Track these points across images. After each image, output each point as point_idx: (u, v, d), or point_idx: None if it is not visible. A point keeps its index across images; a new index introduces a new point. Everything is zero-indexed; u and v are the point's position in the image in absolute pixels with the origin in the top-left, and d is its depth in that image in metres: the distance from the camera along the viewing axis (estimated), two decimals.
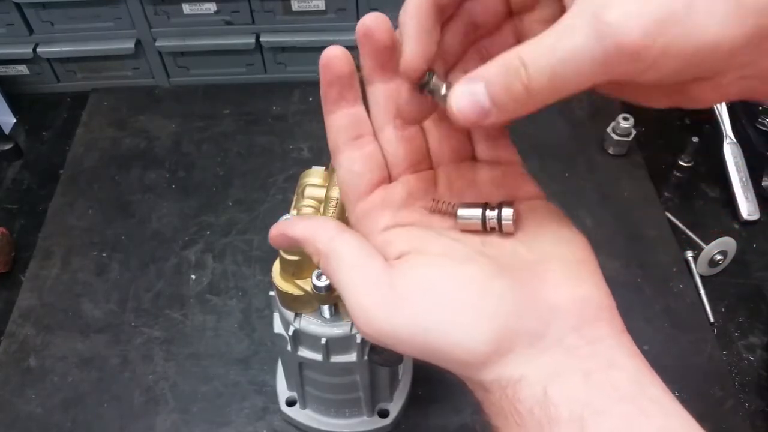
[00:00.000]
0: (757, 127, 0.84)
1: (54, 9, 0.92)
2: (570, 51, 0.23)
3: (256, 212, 0.85)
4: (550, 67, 0.24)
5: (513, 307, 0.27)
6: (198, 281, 0.78)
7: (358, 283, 0.29)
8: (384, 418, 0.65)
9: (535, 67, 0.24)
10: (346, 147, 0.33)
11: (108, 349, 0.73)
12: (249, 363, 0.71)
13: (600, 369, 0.26)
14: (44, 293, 0.78)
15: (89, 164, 0.91)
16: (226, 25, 0.94)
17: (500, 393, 0.27)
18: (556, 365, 0.26)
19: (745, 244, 0.80)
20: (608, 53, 0.23)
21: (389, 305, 0.28)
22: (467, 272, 0.28)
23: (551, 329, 0.27)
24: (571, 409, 0.25)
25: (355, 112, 0.33)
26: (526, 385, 0.26)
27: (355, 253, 0.30)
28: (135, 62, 0.98)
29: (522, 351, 0.27)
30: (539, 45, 0.24)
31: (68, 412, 0.68)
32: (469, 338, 0.27)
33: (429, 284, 0.28)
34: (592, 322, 0.27)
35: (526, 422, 0.26)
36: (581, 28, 0.23)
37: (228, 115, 0.97)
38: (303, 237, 0.32)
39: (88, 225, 0.84)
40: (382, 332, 0.28)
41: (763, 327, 0.73)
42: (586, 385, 0.25)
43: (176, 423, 0.67)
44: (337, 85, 0.32)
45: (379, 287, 0.28)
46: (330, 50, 0.31)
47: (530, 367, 0.26)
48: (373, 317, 0.28)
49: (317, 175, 0.55)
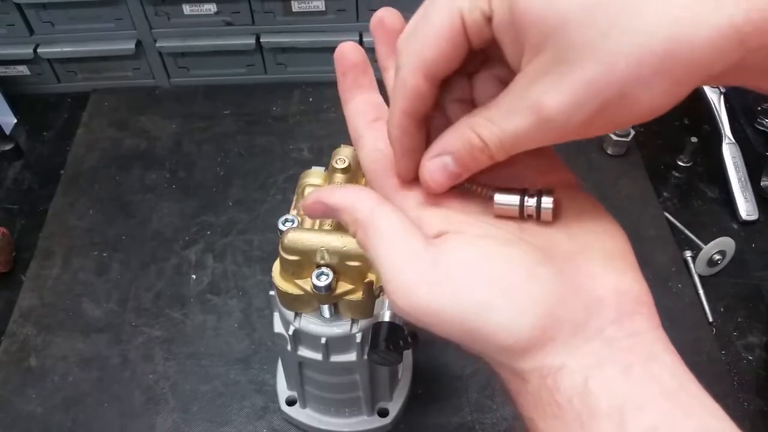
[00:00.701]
0: (755, 127, 0.84)
1: (54, 9, 0.92)
2: (516, 132, 0.26)
3: (256, 212, 0.85)
4: (503, 143, 0.27)
5: (558, 293, 0.26)
6: (198, 281, 0.78)
7: (398, 258, 0.28)
8: (384, 417, 0.65)
9: (493, 143, 0.27)
10: (367, 130, 0.33)
11: (108, 348, 0.73)
12: (249, 362, 0.72)
13: (640, 362, 0.25)
14: (45, 293, 0.78)
15: (90, 164, 0.91)
16: (227, 26, 0.94)
17: (539, 382, 0.26)
18: (597, 356, 0.26)
19: (744, 244, 0.80)
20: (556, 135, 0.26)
21: (431, 282, 0.27)
22: (512, 254, 0.27)
23: (593, 320, 0.26)
24: (611, 401, 0.24)
25: (371, 96, 0.33)
26: (567, 375, 0.25)
27: (395, 227, 0.29)
28: (135, 63, 0.98)
29: (564, 340, 0.26)
30: (491, 123, 0.27)
31: (69, 412, 0.68)
32: (514, 322, 0.26)
33: (473, 264, 0.27)
34: (632, 316, 0.27)
35: (565, 413, 0.25)
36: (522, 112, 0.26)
37: (228, 115, 0.97)
38: (341, 205, 0.30)
39: (88, 225, 0.84)
40: (421, 309, 0.27)
41: (761, 327, 0.73)
42: (626, 378, 0.25)
43: (176, 422, 0.68)
44: (352, 72, 0.32)
45: (421, 263, 0.27)
46: (342, 46, 0.32)
47: (572, 356, 0.26)
48: (413, 293, 0.27)
49: (317, 175, 0.55)
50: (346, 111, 0.33)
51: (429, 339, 0.73)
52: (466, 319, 0.26)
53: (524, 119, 0.26)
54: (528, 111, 0.25)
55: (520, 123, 0.26)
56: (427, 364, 0.71)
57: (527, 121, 0.25)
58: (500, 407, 0.68)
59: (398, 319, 0.44)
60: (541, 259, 0.27)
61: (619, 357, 0.26)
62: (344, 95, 0.33)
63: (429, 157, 0.29)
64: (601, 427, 0.24)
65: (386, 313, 0.44)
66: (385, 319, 0.44)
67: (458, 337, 0.27)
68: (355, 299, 0.49)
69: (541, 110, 0.25)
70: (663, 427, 0.24)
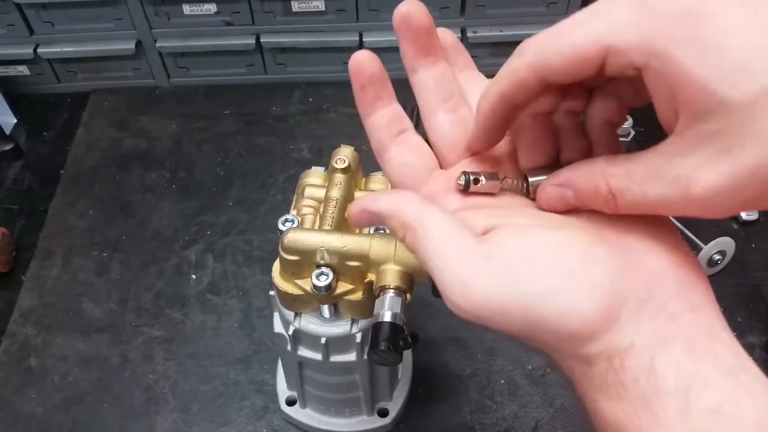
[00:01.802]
0: None
1: (54, 9, 0.92)
2: (654, 199, 0.25)
3: (256, 212, 0.85)
4: (635, 204, 0.26)
5: (618, 271, 0.26)
6: (198, 281, 0.78)
7: (452, 255, 0.27)
8: (384, 417, 0.65)
9: (623, 200, 0.26)
10: (393, 143, 0.32)
11: (108, 348, 0.73)
12: (249, 362, 0.72)
13: (702, 338, 0.25)
14: (45, 293, 0.78)
15: (90, 164, 0.91)
16: (227, 26, 0.94)
17: (606, 365, 0.25)
18: (662, 332, 0.25)
19: (744, 244, 0.80)
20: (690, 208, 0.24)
21: (489, 276, 0.26)
22: (565, 238, 0.27)
23: (655, 294, 0.25)
24: (678, 379, 0.24)
25: (393, 109, 0.33)
26: (634, 355, 0.25)
27: (444, 225, 0.28)
28: (135, 63, 0.98)
29: (629, 318, 0.25)
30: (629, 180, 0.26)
31: (69, 412, 0.68)
32: (580, 305, 0.25)
33: (529, 251, 0.27)
34: (691, 288, 0.26)
35: (630, 393, 0.24)
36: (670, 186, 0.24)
37: (228, 115, 0.97)
38: (387, 211, 0.30)
39: (88, 225, 0.84)
40: (481, 305, 0.26)
41: (761, 326, 0.73)
42: (690, 355, 0.24)
43: (176, 422, 0.68)
44: (371, 86, 0.32)
45: (476, 258, 0.27)
46: (357, 55, 0.32)
47: (638, 335, 0.25)
48: (470, 289, 0.26)
49: (317, 175, 0.55)
50: (368, 123, 0.33)
51: (429, 339, 0.73)
52: (530, 309, 0.26)
53: (668, 190, 0.24)
54: (676, 183, 0.24)
55: (662, 192, 0.24)
56: (427, 364, 0.71)
57: (671, 192, 0.24)
58: (500, 407, 0.68)
59: (398, 319, 0.44)
60: (593, 239, 0.27)
61: (682, 333, 0.25)
62: (365, 110, 0.32)
63: (554, 183, 0.29)
64: (666, 405, 0.24)
65: (386, 313, 0.44)
66: (385, 319, 0.44)
67: (520, 329, 0.26)
68: (355, 299, 0.49)
69: (691, 186, 0.23)
70: (727, 407, 0.23)
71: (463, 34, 0.94)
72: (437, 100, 0.32)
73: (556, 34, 0.25)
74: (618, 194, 0.26)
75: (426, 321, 0.73)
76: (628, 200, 0.26)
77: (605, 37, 0.24)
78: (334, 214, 0.51)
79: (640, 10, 0.23)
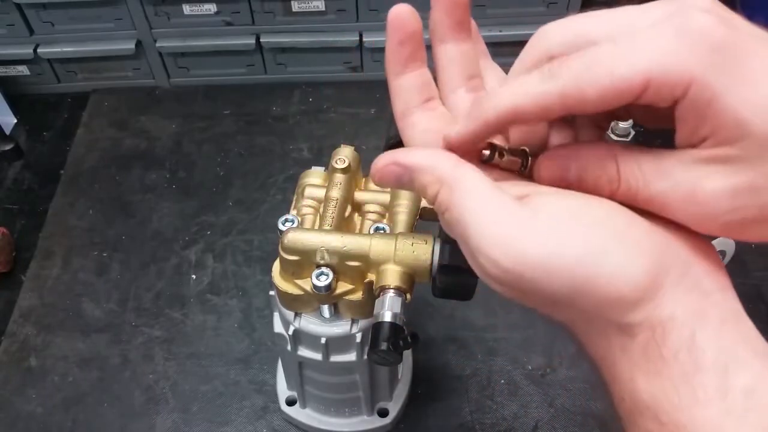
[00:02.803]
0: None
1: (54, 9, 0.92)
2: (658, 195, 0.26)
3: (256, 212, 0.85)
4: (637, 195, 0.26)
5: (661, 239, 0.25)
6: (198, 281, 0.78)
7: (493, 211, 0.26)
8: (384, 417, 0.65)
9: (627, 186, 0.26)
10: (419, 108, 0.31)
11: (108, 348, 0.73)
12: (249, 362, 0.72)
13: (731, 319, 0.25)
14: (45, 293, 0.78)
15: (90, 164, 0.91)
16: (227, 26, 0.94)
17: (647, 336, 0.24)
18: (699, 307, 0.24)
19: (744, 244, 0.80)
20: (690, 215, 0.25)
21: (535, 232, 0.25)
22: (607, 205, 0.26)
23: (692, 269, 0.25)
24: (716, 356, 0.23)
25: (424, 73, 0.31)
26: (676, 327, 0.24)
27: (484, 183, 0.26)
28: (135, 63, 0.98)
29: (671, 288, 0.25)
30: (639, 171, 0.26)
31: (69, 412, 0.68)
32: (629, 266, 0.24)
33: (575, 212, 0.26)
34: (718, 270, 0.26)
35: (670, 368, 0.24)
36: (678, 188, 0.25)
37: (228, 115, 0.97)
38: (421, 165, 0.28)
39: (88, 225, 0.84)
40: (526, 262, 0.25)
41: (761, 326, 0.73)
42: (725, 332, 0.24)
43: (176, 422, 0.68)
44: (410, 43, 0.30)
45: (520, 214, 0.25)
46: (399, 8, 0.30)
47: (679, 306, 0.24)
48: (514, 247, 0.25)
49: (317, 175, 0.55)
50: (396, 83, 0.31)
51: (429, 339, 0.73)
52: (577, 268, 0.24)
53: (672, 188, 0.25)
54: (682, 184, 0.25)
55: (666, 189, 0.25)
56: (427, 364, 0.71)
57: (674, 191, 0.25)
58: (500, 407, 0.68)
59: (398, 319, 0.44)
60: (632, 213, 0.26)
61: (715, 310, 0.25)
62: (395, 67, 0.31)
63: (561, 152, 0.28)
64: (705, 383, 0.23)
65: (386, 313, 0.44)
66: (385, 319, 0.44)
67: (563, 292, 0.25)
68: (355, 299, 0.49)
69: (696, 189, 0.24)
70: (761, 388, 0.23)
71: None
72: (461, 77, 0.31)
73: (596, 62, 0.24)
74: (624, 179, 0.26)
75: (426, 321, 0.73)
76: (630, 186, 0.26)
77: (649, 68, 0.23)
78: (334, 214, 0.51)
79: (682, 41, 0.23)
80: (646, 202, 0.26)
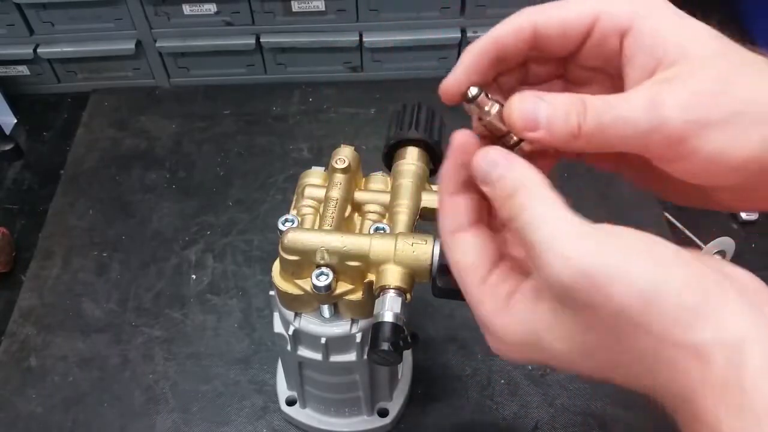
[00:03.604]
0: None
1: (54, 9, 0.92)
2: (623, 115, 0.29)
3: (256, 212, 0.85)
4: (601, 121, 0.29)
5: (715, 264, 0.27)
6: (198, 281, 0.78)
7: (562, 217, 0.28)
8: (384, 417, 0.65)
9: (592, 115, 0.29)
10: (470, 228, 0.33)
11: (108, 348, 0.73)
12: (249, 362, 0.72)
13: None
14: (45, 293, 0.78)
15: (90, 164, 0.91)
16: (227, 26, 0.94)
17: (725, 360, 0.23)
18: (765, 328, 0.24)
19: (744, 244, 0.80)
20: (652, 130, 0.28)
21: (602, 242, 0.26)
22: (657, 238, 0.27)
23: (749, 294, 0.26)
24: None
25: (475, 197, 0.33)
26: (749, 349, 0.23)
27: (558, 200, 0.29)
28: (135, 63, 0.98)
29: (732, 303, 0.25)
30: (603, 101, 0.29)
31: (69, 412, 0.68)
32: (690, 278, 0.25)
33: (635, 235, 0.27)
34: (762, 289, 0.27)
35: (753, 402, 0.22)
36: (638, 102, 0.29)
37: (228, 115, 0.97)
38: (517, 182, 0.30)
39: (88, 225, 0.84)
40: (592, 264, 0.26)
41: None
42: None
43: (176, 422, 0.68)
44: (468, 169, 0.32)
45: (585, 226, 0.27)
46: (462, 134, 0.32)
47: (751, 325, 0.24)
48: (582, 249, 0.26)
49: (317, 175, 0.55)
50: (449, 201, 0.33)
51: (429, 339, 0.73)
52: (646, 275, 0.25)
53: (639, 108, 0.28)
54: (648, 102, 0.28)
55: (632, 109, 0.28)
56: (427, 364, 0.71)
57: (641, 111, 0.28)
58: (500, 407, 0.68)
59: (398, 319, 0.44)
60: None
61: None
62: (452, 187, 0.33)
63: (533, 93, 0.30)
64: None
65: (386, 313, 0.44)
66: (385, 319, 0.44)
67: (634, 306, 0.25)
68: (355, 299, 0.49)
69: (657, 103, 0.28)
70: None
71: (463, 34, 0.94)
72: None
73: (553, 5, 0.32)
74: (589, 108, 0.29)
75: (426, 321, 0.73)
76: (599, 115, 0.29)
77: (598, 6, 0.31)
78: (334, 214, 0.51)
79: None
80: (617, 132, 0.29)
